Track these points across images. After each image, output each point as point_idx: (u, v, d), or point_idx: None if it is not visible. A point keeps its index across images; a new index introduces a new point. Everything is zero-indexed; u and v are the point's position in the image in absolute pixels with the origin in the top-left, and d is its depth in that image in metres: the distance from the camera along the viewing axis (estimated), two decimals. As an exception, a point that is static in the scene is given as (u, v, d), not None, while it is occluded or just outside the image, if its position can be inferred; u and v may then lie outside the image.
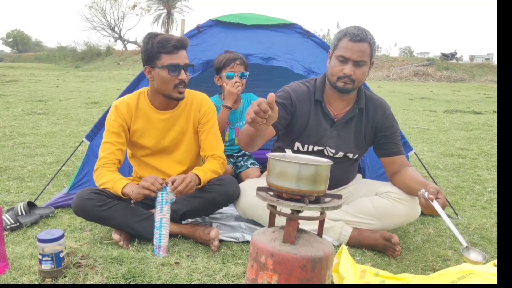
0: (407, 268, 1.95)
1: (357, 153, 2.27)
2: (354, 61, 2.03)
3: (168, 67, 2.04)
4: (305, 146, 2.24)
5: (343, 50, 2.04)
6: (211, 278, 1.76)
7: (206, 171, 2.15)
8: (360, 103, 2.21)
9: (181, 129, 2.24)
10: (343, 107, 2.22)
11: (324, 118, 2.21)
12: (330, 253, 1.46)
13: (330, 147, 2.22)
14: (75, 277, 1.71)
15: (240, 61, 2.70)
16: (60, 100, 8.81)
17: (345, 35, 2.04)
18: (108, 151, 2.12)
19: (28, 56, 46.65)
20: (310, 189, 1.43)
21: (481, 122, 7.53)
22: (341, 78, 2.07)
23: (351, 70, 2.03)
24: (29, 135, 4.94)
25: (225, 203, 2.20)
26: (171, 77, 2.05)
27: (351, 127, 2.22)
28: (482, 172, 3.92)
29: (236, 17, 2.90)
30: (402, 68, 27.04)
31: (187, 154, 2.30)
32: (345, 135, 2.22)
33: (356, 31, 2.03)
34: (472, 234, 2.38)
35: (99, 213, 2.01)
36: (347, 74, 2.04)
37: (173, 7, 43.11)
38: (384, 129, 2.23)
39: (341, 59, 2.05)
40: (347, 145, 2.23)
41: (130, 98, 2.20)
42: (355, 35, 2.02)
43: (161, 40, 2.02)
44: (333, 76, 2.09)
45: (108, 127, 2.16)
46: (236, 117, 2.88)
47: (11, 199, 2.72)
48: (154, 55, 2.04)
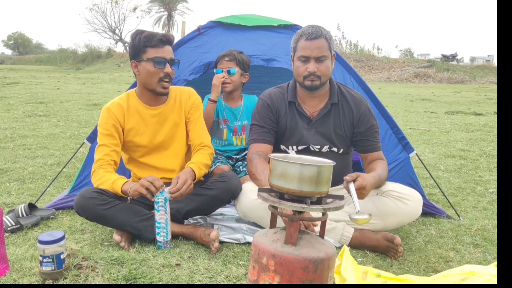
0: (409, 270, 1.94)
1: (341, 148, 2.30)
2: (315, 57, 2.11)
3: (153, 59, 2.12)
4: (289, 148, 2.30)
5: (302, 50, 2.12)
6: (212, 279, 1.75)
7: (200, 166, 2.17)
8: (333, 99, 2.26)
9: (174, 122, 2.28)
10: (316, 104, 2.28)
11: (300, 118, 2.28)
12: (332, 254, 1.45)
13: (313, 144, 2.27)
14: (76, 278, 1.71)
15: (229, 58, 2.72)
16: (61, 102, 8.82)
17: (301, 36, 2.13)
18: (103, 153, 2.14)
19: (29, 58, 46.68)
20: (312, 190, 1.43)
21: (482, 123, 7.52)
22: (307, 77, 2.14)
23: (314, 67, 2.11)
24: (30, 137, 4.94)
25: (228, 199, 2.21)
26: (156, 69, 2.13)
27: (329, 123, 2.26)
28: (484, 173, 3.91)
29: (237, 18, 2.90)
30: (402, 69, 27.01)
31: (183, 147, 2.34)
32: (325, 131, 2.26)
33: (311, 30, 2.11)
34: (474, 236, 2.37)
35: (101, 212, 2.01)
36: (311, 72, 2.12)
37: (174, 9, 43.15)
38: (358, 125, 2.26)
39: (303, 59, 2.13)
40: (329, 140, 2.27)
41: (120, 99, 2.24)
42: (310, 34, 2.10)
43: (147, 35, 2.11)
44: (299, 76, 2.17)
45: (101, 130, 2.18)
46: (235, 115, 2.88)
47: (11, 200, 2.72)
48: (140, 49, 2.11)
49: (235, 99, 2.87)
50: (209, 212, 2.33)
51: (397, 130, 2.68)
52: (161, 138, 2.26)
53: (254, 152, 2.26)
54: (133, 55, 2.16)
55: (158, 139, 2.26)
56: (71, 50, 39.81)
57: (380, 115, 2.67)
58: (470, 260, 2.07)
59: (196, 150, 2.28)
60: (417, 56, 42.33)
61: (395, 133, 2.68)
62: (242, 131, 2.93)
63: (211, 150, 2.31)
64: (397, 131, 2.68)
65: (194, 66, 2.74)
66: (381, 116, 2.67)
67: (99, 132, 2.19)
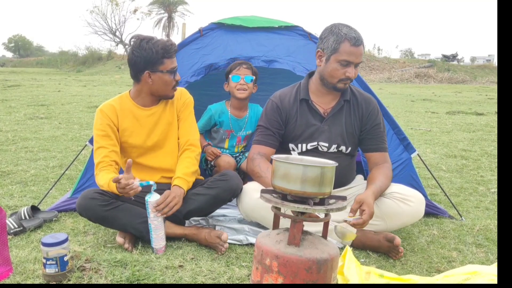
0: (412, 270, 1.94)
1: (349, 146, 2.30)
2: (356, 64, 2.12)
3: (170, 71, 2.14)
4: (298, 146, 2.30)
5: (346, 55, 2.08)
6: (215, 281, 1.76)
7: (187, 179, 2.17)
8: (345, 95, 2.27)
9: (167, 121, 2.28)
10: (329, 101, 2.29)
11: (313, 115, 2.28)
12: (335, 255, 1.45)
13: (323, 142, 2.26)
14: (80, 280, 1.71)
15: (246, 66, 2.73)
16: (62, 105, 8.83)
17: (345, 39, 2.07)
18: (102, 154, 2.13)
19: (30, 61, 46.80)
20: (315, 191, 1.43)
21: (483, 123, 7.52)
22: (343, 80, 2.15)
23: (354, 73, 2.13)
24: (32, 140, 4.94)
25: (229, 198, 2.21)
26: (172, 79, 2.17)
27: (341, 120, 2.27)
28: (485, 173, 3.90)
29: (238, 20, 2.90)
30: (403, 70, 27.02)
31: (177, 145, 2.32)
32: (336, 129, 2.27)
33: (355, 34, 2.08)
34: (477, 236, 2.37)
35: (103, 213, 2.01)
36: (350, 77, 2.12)
37: (174, 11, 43.22)
38: (365, 122, 2.28)
39: (345, 63, 2.10)
40: (339, 138, 2.27)
41: (113, 101, 2.24)
42: (356, 39, 2.07)
43: (164, 47, 2.09)
44: (335, 78, 2.15)
45: (97, 132, 2.17)
46: (240, 126, 2.88)
47: (14, 203, 2.72)
48: (158, 60, 2.09)
49: (242, 109, 2.88)
50: (210, 212, 2.32)
51: (398, 131, 2.68)
52: (156, 138, 2.26)
53: (256, 152, 2.26)
54: (146, 66, 2.10)
55: (153, 138, 2.25)
56: (72, 53, 39.92)
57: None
58: (473, 260, 2.07)
59: (183, 150, 2.27)
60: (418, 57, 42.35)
61: (397, 134, 2.68)
62: (244, 141, 2.95)
63: (198, 150, 2.30)
64: (398, 131, 2.68)
65: (196, 68, 2.74)
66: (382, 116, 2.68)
67: (95, 134, 2.18)
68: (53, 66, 38.01)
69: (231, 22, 2.88)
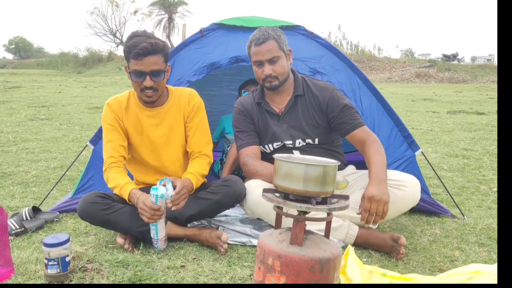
0: (415, 269, 1.94)
1: (316, 137, 2.30)
2: (267, 60, 2.19)
3: (133, 72, 2.04)
4: (266, 147, 2.36)
5: (254, 56, 2.23)
6: (217, 281, 1.75)
7: (198, 177, 2.15)
8: (297, 91, 2.32)
9: (170, 124, 2.23)
10: (282, 100, 2.35)
11: (270, 116, 2.36)
12: (338, 255, 1.45)
13: (286, 140, 2.31)
14: (81, 281, 1.71)
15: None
16: (63, 106, 8.84)
17: (251, 42, 2.23)
18: (111, 150, 2.13)
19: (30, 62, 46.79)
20: (317, 190, 1.42)
21: (484, 122, 7.51)
22: (265, 79, 2.24)
23: (269, 70, 2.20)
24: (33, 141, 4.94)
25: (232, 204, 2.18)
26: (135, 82, 2.06)
27: (297, 114, 2.31)
28: (487, 172, 3.90)
29: (239, 20, 2.90)
30: (403, 70, 26.99)
31: (179, 149, 2.28)
32: (295, 123, 2.31)
33: (258, 35, 2.20)
34: (479, 235, 2.37)
35: (104, 217, 2.01)
36: (267, 75, 2.21)
37: (174, 12, 43.20)
38: (330, 111, 2.28)
39: (258, 64, 2.23)
40: (301, 133, 2.30)
41: (121, 96, 2.23)
42: (258, 39, 2.19)
43: (130, 45, 2.00)
44: (259, 79, 2.28)
45: (105, 126, 2.17)
46: None
47: (15, 204, 2.72)
48: (127, 57, 2.04)
49: None
50: (211, 216, 2.32)
51: (402, 128, 2.67)
52: (155, 140, 2.22)
53: (245, 156, 2.29)
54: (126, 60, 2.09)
55: (152, 140, 2.22)
56: (72, 54, 39.86)
57: (385, 113, 2.67)
58: (476, 259, 2.06)
59: (194, 157, 2.25)
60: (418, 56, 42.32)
61: (401, 131, 2.67)
62: None
63: (210, 160, 2.27)
64: (402, 128, 2.67)
65: (197, 67, 2.73)
66: (386, 113, 2.67)
67: (104, 128, 2.18)
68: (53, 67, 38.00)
69: (232, 22, 2.88)
